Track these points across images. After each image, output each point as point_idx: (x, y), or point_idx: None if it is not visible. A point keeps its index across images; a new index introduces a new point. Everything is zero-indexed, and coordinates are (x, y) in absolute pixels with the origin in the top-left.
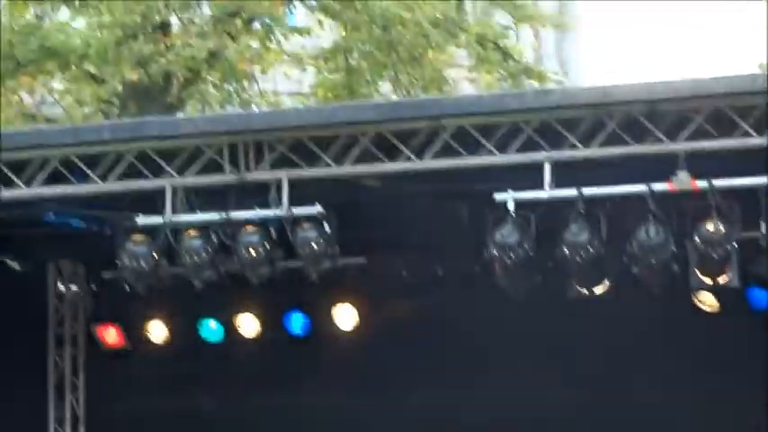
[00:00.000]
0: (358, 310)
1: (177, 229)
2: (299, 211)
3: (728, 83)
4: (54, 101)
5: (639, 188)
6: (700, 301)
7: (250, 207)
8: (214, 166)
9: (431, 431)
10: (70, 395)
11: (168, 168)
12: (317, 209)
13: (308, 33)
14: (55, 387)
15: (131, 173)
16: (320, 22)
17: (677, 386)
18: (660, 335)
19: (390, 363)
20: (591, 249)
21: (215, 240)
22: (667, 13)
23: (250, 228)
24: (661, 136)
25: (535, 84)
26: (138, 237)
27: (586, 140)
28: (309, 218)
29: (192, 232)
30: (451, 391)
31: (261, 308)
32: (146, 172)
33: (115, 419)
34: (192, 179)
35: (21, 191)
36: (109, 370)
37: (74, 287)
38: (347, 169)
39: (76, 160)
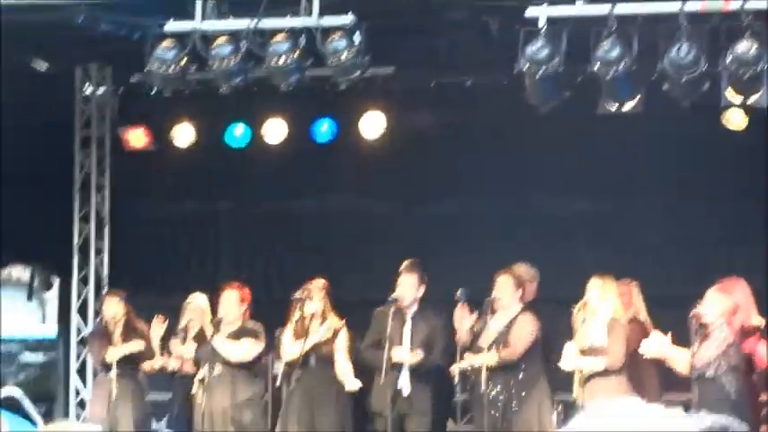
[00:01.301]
0: (385, 119)
1: (206, 36)
2: (329, 20)
3: None
4: None
5: (672, 6)
6: (727, 120)
7: (281, 15)
8: None
9: (452, 239)
10: (95, 195)
11: None
12: (347, 18)
13: None
14: (80, 187)
15: None
16: None
17: (696, 195)
18: (688, 151)
19: (414, 172)
20: (622, 66)
21: (244, 48)
22: None
23: (280, 36)
24: None
25: None
26: (167, 42)
27: None
28: (340, 27)
29: (222, 39)
30: (475, 201)
31: (288, 115)
32: None
33: (138, 219)
34: None
35: None
36: (134, 171)
37: (101, 89)
38: None
39: None
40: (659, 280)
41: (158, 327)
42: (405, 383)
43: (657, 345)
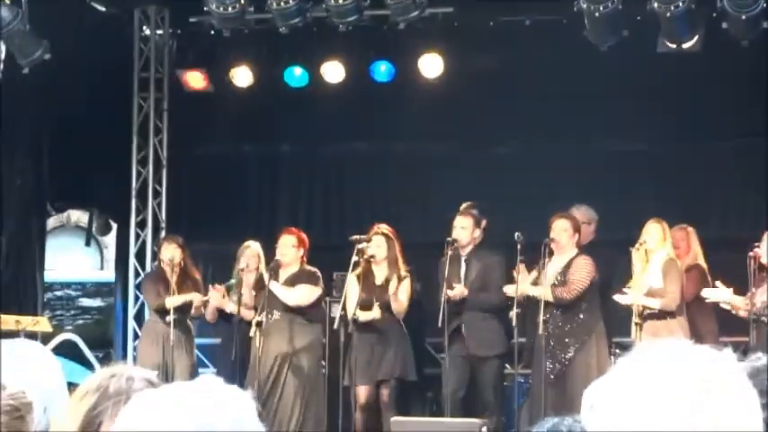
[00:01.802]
0: (444, 59)
1: None
2: None
3: None
4: None
5: None
6: None
7: None
8: None
9: (511, 182)
10: (153, 138)
11: None
12: None
13: None
14: (138, 129)
15: None
16: None
17: (755, 133)
18: (747, 90)
19: (474, 113)
20: (681, 4)
21: None
22: None
23: None
24: None
25: None
26: None
27: None
28: None
29: None
30: (535, 142)
31: (347, 55)
32: None
33: (197, 162)
34: None
35: None
36: (192, 113)
37: (159, 31)
38: None
39: None
40: (717, 223)
41: (217, 296)
42: (463, 324)
43: (720, 293)
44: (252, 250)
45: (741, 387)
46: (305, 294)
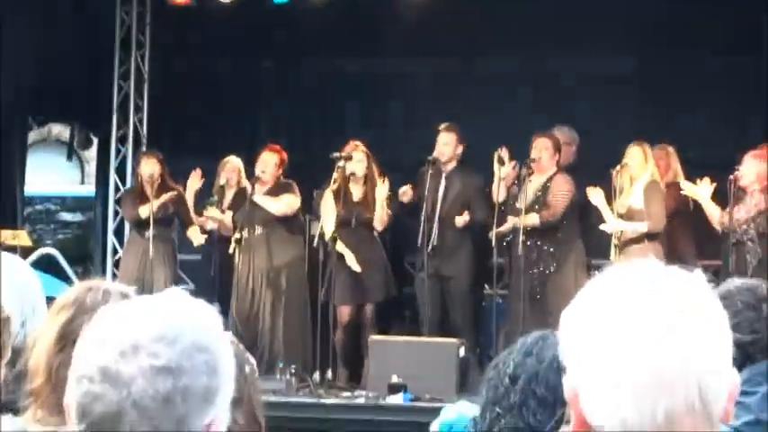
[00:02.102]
0: None
1: None
2: None
3: None
4: None
5: None
6: None
7: None
8: None
9: (494, 100)
10: (135, 52)
11: None
12: None
13: None
14: (120, 44)
15: None
16: None
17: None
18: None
19: (458, 30)
20: None
21: None
22: None
23: None
24: None
25: None
26: None
27: None
28: None
29: None
30: (518, 62)
31: None
32: None
33: (179, 76)
34: None
35: None
36: (174, 27)
37: None
38: None
39: None
40: (697, 143)
41: (195, 180)
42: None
43: (699, 190)
44: (232, 165)
45: (713, 308)
46: (289, 203)
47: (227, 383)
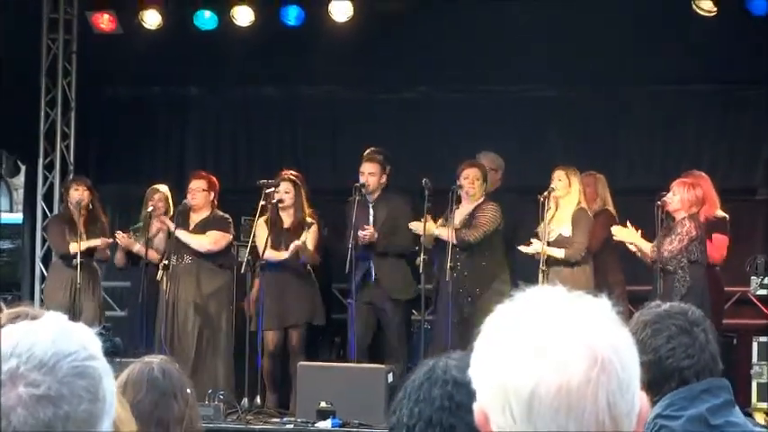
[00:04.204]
0: (353, 3)
1: None
2: None
3: None
4: None
5: None
6: (697, 6)
7: None
8: None
9: (417, 127)
10: (62, 80)
11: None
12: None
13: None
14: (47, 71)
15: None
16: None
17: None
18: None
19: (382, 58)
20: None
21: None
22: None
23: None
24: None
25: None
26: None
27: None
28: None
29: None
30: (442, 88)
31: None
32: None
33: (105, 104)
34: None
35: None
36: (101, 55)
37: None
38: None
39: None
40: (624, 172)
41: (123, 240)
42: (372, 268)
43: (628, 232)
44: (161, 194)
45: (619, 330)
46: (214, 240)
47: (109, 409)
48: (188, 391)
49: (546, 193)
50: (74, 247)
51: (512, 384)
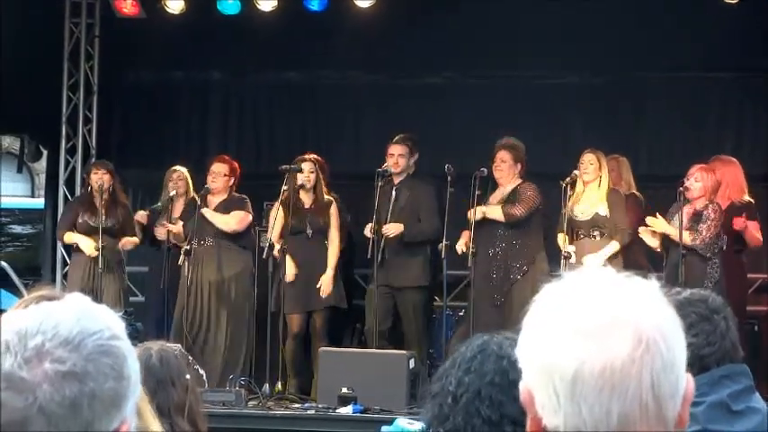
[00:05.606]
0: None
1: None
2: None
3: None
4: None
5: None
6: None
7: None
8: None
9: (443, 112)
10: (84, 64)
11: None
12: None
13: None
14: (69, 55)
15: None
16: None
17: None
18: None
19: (407, 43)
20: None
21: None
22: None
23: None
24: None
25: None
26: None
27: None
28: None
29: None
30: (466, 73)
31: None
32: None
33: (128, 88)
34: None
35: None
36: (124, 40)
37: None
38: None
39: None
40: (645, 158)
41: (142, 219)
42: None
43: (660, 223)
44: (179, 174)
45: (666, 310)
46: (239, 219)
47: (134, 388)
48: (187, 377)
49: (568, 179)
50: (67, 237)
51: (556, 364)
